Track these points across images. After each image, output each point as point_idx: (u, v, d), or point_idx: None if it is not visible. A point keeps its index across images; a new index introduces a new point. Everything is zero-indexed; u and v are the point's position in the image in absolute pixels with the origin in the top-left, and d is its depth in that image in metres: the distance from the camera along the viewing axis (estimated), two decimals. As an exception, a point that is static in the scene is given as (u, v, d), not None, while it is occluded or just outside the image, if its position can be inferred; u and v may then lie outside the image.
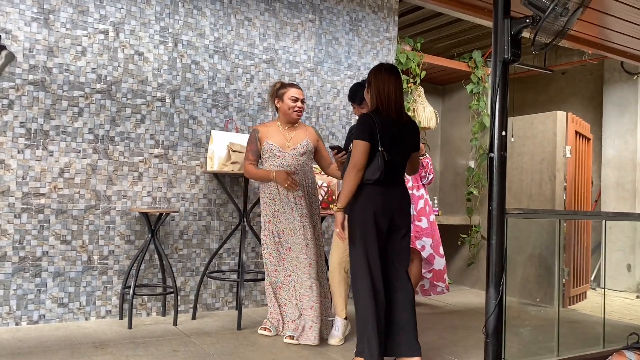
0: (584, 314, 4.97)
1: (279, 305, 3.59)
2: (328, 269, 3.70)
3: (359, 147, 2.81)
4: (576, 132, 5.47)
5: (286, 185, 3.42)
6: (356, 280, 2.84)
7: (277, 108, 3.64)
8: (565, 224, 4.86)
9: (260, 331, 3.58)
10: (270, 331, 3.55)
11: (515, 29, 2.75)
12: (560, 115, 5.32)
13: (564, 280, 4.99)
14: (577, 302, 5.44)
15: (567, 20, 2.69)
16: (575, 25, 3.00)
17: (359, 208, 2.84)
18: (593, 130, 6.43)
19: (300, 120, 3.67)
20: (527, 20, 2.70)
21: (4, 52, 2.38)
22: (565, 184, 5.28)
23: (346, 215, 2.98)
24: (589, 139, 5.87)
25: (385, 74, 2.92)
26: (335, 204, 3.84)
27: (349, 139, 3.80)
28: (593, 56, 6.32)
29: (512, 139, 5.48)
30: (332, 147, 3.41)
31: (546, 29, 2.77)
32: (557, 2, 2.59)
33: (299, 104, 3.55)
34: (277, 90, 3.61)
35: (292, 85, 3.61)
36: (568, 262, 5.12)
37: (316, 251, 3.50)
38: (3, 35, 3.45)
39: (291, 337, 3.41)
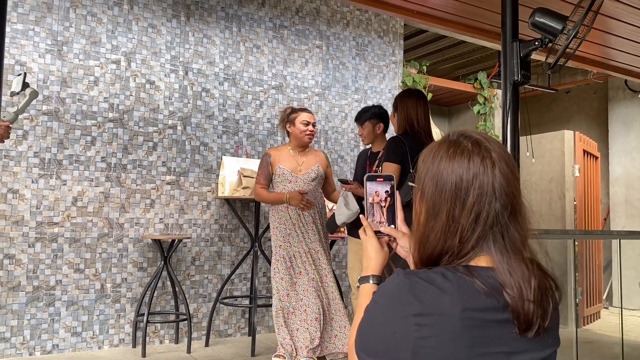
0: (600, 334, 4.92)
1: (290, 331, 3.52)
2: (341, 291, 3.68)
3: (391, 170, 2.81)
4: (584, 151, 5.48)
5: (301, 206, 3.43)
6: None
7: (288, 132, 3.66)
8: (577, 243, 4.84)
9: (274, 359, 3.54)
10: (285, 358, 3.50)
11: (524, 52, 2.79)
12: (568, 134, 5.35)
13: (577, 300, 4.95)
14: (591, 322, 5.39)
15: (580, 43, 2.73)
16: (579, 46, 3.04)
17: None
18: (599, 148, 6.45)
19: (310, 145, 3.70)
20: (536, 43, 2.74)
21: (28, 90, 2.44)
22: (575, 203, 5.27)
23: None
24: (596, 157, 5.88)
25: (412, 99, 2.97)
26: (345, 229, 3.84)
27: (359, 163, 3.82)
28: (598, 75, 6.37)
29: (533, 160, 5.48)
30: (342, 181, 3.42)
31: (555, 50, 2.81)
32: (565, 27, 2.62)
33: (310, 127, 3.57)
34: (288, 115, 3.63)
35: (303, 109, 3.64)
36: (581, 282, 5.09)
37: (328, 276, 3.50)
38: (20, 68, 3.50)
39: None
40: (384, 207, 1.22)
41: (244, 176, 4.01)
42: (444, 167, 0.98)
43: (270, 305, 4.06)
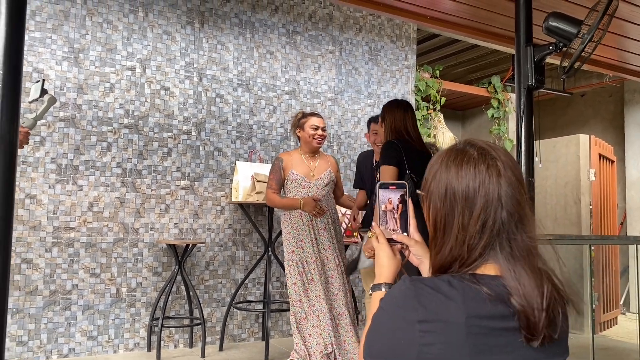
0: (617, 340, 4.86)
1: (303, 337, 3.51)
2: (354, 296, 3.68)
3: (388, 172, 2.82)
4: (600, 155, 5.43)
5: (314, 213, 3.44)
6: None
7: (299, 138, 3.67)
8: (593, 248, 4.79)
9: None
10: None
11: (539, 56, 2.78)
12: (583, 138, 5.30)
13: (594, 305, 4.89)
14: (608, 328, 5.32)
15: (595, 47, 2.71)
16: (595, 49, 3.02)
17: None
18: (615, 151, 6.38)
19: (321, 149, 3.70)
20: (550, 47, 2.73)
21: (46, 96, 2.47)
22: (591, 207, 5.22)
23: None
24: (612, 161, 5.82)
25: (400, 109, 2.99)
26: (358, 231, 3.85)
27: (364, 167, 3.84)
28: (614, 78, 6.31)
29: (540, 165, 5.46)
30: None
31: (569, 54, 2.79)
32: (580, 30, 2.61)
33: (319, 132, 3.57)
34: (299, 120, 3.64)
35: (313, 114, 3.64)
36: (597, 287, 5.03)
37: (341, 281, 3.50)
38: (37, 75, 3.56)
39: None
40: (397, 214, 1.22)
41: (258, 181, 4.03)
42: (451, 176, 0.99)
43: (283, 310, 4.08)
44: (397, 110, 2.99)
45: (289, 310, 3.69)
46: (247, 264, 4.28)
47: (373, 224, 1.22)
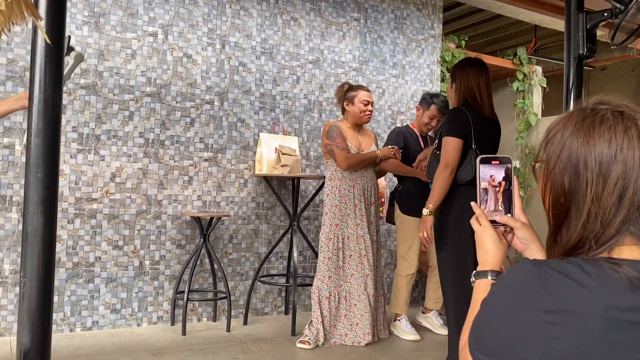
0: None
1: (322, 314, 3.42)
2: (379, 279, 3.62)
3: (453, 145, 2.61)
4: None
5: (392, 154, 3.52)
6: (450, 290, 2.70)
7: (344, 110, 3.54)
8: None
9: (298, 345, 3.34)
10: (310, 344, 3.31)
11: (591, 23, 2.64)
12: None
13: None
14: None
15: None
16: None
17: (454, 212, 2.65)
18: (639, 127, 6.25)
19: None
20: (605, 14, 2.59)
21: (73, 53, 2.33)
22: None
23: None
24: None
25: (474, 68, 2.72)
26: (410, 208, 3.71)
27: (396, 142, 3.73)
28: (641, 51, 6.14)
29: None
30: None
31: (624, 28, 2.65)
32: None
33: (369, 107, 3.45)
34: (346, 93, 3.49)
35: (361, 87, 3.51)
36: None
37: (375, 262, 3.46)
38: (73, 37, 3.40)
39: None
40: (499, 192, 1.10)
41: (283, 154, 3.92)
42: (579, 142, 0.84)
43: (306, 285, 4.01)
44: (469, 70, 2.71)
45: (311, 285, 3.59)
46: (270, 238, 4.20)
47: (473, 203, 1.09)
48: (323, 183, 3.71)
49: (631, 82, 7.22)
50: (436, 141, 2.80)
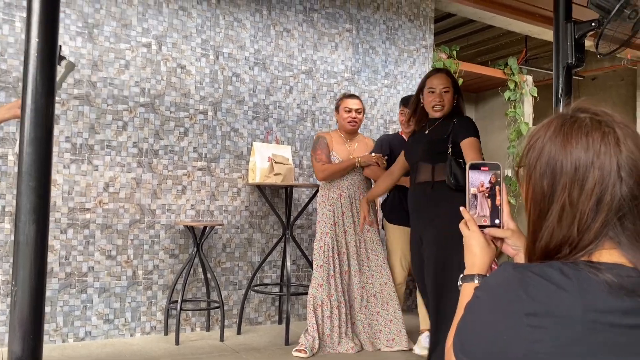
0: None
1: (316, 322, 3.43)
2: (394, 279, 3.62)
3: (477, 147, 2.69)
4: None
5: (372, 162, 3.47)
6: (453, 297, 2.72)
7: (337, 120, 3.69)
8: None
9: (295, 353, 3.32)
10: (306, 352, 3.31)
11: (579, 33, 2.68)
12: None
13: None
14: None
15: (634, 25, 2.61)
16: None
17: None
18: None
19: (359, 132, 3.71)
20: (593, 24, 2.63)
21: (64, 62, 2.33)
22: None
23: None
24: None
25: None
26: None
27: (392, 151, 3.75)
28: (633, 60, 6.22)
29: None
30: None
31: (607, 36, 2.69)
32: (625, 3, 2.51)
33: (352, 114, 3.51)
34: (337, 102, 3.66)
35: (349, 96, 3.62)
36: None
37: (376, 265, 3.49)
38: (64, 47, 3.42)
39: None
40: (487, 198, 1.11)
41: (276, 162, 3.93)
42: (557, 147, 0.85)
43: (300, 294, 4.01)
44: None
45: (306, 293, 3.61)
46: (263, 247, 4.20)
47: (462, 208, 1.10)
48: (316, 191, 3.74)
49: (620, 92, 7.30)
50: (449, 146, 2.74)
